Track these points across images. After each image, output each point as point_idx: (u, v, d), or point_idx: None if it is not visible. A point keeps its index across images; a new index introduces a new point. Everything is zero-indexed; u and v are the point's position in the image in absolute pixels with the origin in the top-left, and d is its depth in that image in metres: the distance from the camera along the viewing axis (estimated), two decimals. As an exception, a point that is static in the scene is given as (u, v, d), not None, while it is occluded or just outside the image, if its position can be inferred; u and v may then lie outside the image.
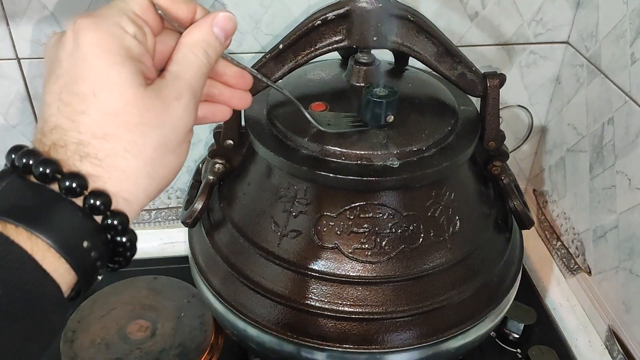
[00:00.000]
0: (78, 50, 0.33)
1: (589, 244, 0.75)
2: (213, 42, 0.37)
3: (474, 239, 0.56)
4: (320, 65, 0.62)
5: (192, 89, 0.36)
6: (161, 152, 0.34)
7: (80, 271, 0.31)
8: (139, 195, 0.34)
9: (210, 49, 0.37)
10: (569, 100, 0.77)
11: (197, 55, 0.36)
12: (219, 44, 0.38)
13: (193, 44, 0.36)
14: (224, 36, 0.38)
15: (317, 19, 0.52)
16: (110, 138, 0.32)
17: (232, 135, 0.58)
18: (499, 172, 0.60)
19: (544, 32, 0.76)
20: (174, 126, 0.34)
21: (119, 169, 0.33)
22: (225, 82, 0.43)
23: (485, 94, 0.57)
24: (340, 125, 0.53)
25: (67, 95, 0.32)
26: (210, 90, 0.42)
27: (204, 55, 0.36)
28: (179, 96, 0.35)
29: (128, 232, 0.34)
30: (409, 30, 0.53)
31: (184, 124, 0.35)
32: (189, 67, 0.36)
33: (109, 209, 0.32)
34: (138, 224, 0.86)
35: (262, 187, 0.56)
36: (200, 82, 0.36)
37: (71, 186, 0.31)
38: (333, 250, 0.52)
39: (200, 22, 0.37)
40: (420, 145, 0.52)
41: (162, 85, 0.35)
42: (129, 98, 0.33)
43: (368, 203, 0.52)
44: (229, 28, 0.39)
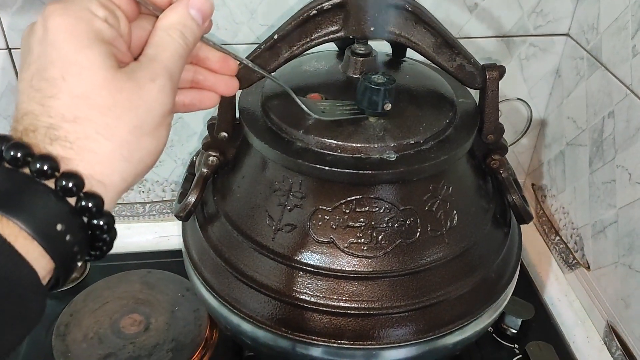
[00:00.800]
0: (47, 36, 0.33)
1: (588, 239, 0.74)
2: (189, 23, 0.37)
3: (472, 233, 0.55)
4: (316, 56, 0.61)
5: (168, 71, 0.35)
6: (136, 134, 0.33)
7: (56, 256, 0.31)
8: (114, 178, 0.33)
9: (187, 31, 0.37)
10: (569, 93, 0.76)
11: (173, 37, 0.36)
12: (196, 26, 0.37)
13: (169, 26, 0.36)
14: (201, 17, 0.38)
15: (313, 9, 0.51)
16: (81, 121, 0.32)
17: (226, 127, 0.57)
18: (498, 165, 0.59)
19: (544, 24, 0.75)
20: (149, 108, 0.34)
21: (92, 151, 0.32)
22: (209, 67, 0.43)
23: (484, 86, 0.55)
24: (335, 113, 0.52)
25: (37, 81, 0.32)
26: (195, 76, 0.42)
27: (181, 37, 0.36)
28: (154, 78, 0.34)
29: (104, 214, 0.33)
30: (406, 21, 0.52)
31: (160, 106, 0.34)
32: (164, 49, 0.36)
33: (82, 190, 0.32)
34: (132, 216, 0.86)
35: (257, 180, 0.55)
36: (177, 64, 0.36)
37: (42, 168, 0.31)
38: (328, 244, 0.52)
39: (175, 5, 0.37)
40: (417, 138, 0.51)
41: (136, 67, 0.34)
42: (99, 80, 0.32)
43: (364, 197, 0.51)
44: (206, 9, 0.38)
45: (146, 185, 0.83)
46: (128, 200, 0.84)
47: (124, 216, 0.85)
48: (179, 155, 0.80)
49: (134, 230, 0.85)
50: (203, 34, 0.40)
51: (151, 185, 0.83)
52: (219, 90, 0.43)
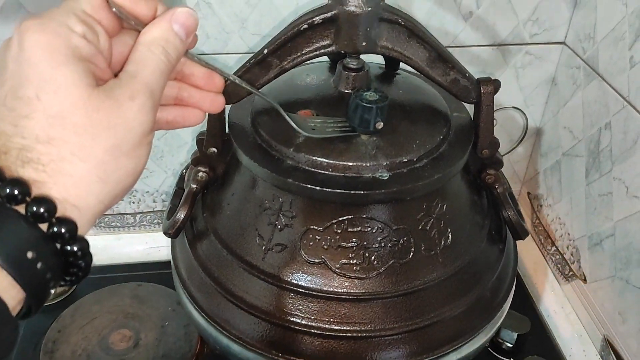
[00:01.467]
0: (22, 52, 0.31)
1: (584, 251, 0.73)
2: (172, 39, 0.36)
3: (467, 251, 0.54)
4: (308, 68, 0.59)
5: (148, 89, 0.34)
6: (114, 154, 0.32)
7: (26, 285, 0.30)
8: (89, 200, 0.32)
9: (169, 47, 0.35)
10: (565, 102, 0.75)
11: (155, 53, 0.35)
12: (179, 42, 0.36)
13: (150, 41, 0.35)
14: (185, 33, 0.37)
15: (304, 23, 0.49)
16: (55, 142, 0.31)
17: (215, 142, 0.56)
18: (493, 180, 0.58)
19: (540, 32, 0.74)
20: (127, 127, 0.33)
21: (66, 174, 0.31)
22: (194, 84, 0.42)
23: (479, 100, 0.54)
24: (326, 131, 0.50)
25: (11, 100, 0.31)
26: (179, 93, 0.41)
27: (163, 53, 0.35)
28: (133, 96, 0.33)
29: (78, 240, 0.32)
30: (399, 35, 0.51)
31: (139, 125, 0.33)
32: (145, 65, 0.34)
33: (54, 215, 0.30)
34: (122, 227, 0.84)
35: (246, 198, 0.54)
36: (159, 81, 0.35)
37: (12, 193, 0.29)
38: (320, 265, 0.50)
39: (158, 19, 0.36)
40: (410, 156, 0.50)
41: (115, 85, 0.33)
42: (75, 99, 0.31)
43: (356, 216, 0.50)
44: (190, 24, 0.37)
45: (136, 196, 0.81)
46: (118, 211, 0.82)
47: (113, 227, 0.84)
48: (169, 165, 0.79)
49: (124, 241, 0.84)
50: (188, 49, 0.39)
51: (141, 195, 0.81)
52: (203, 108, 0.42)
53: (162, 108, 0.41)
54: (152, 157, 0.78)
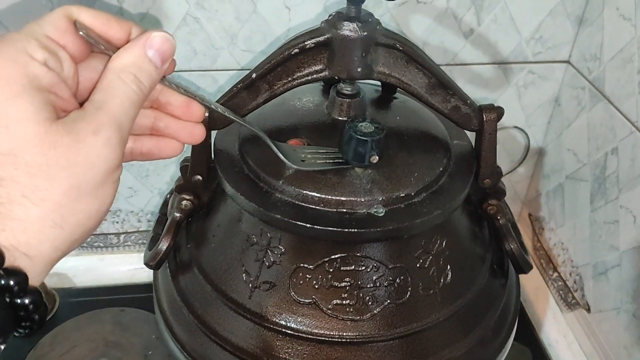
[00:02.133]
0: None
1: (588, 280, 0.70)
2: (146, 66, 0.32)
3: (468, 289, 0.51)
4: (300, 91, 0.55)
5: (116, 121, 0.31)
6: (73, 196, 0.29)
7: None
8: (43, 248, 0.29)
9: (142, 74, 0.32)
10: (569, 124, 0.72)
11: (125, 82, 0.32)
12: (154, 69, 0.33)
13: (121, 68, 0.32)
14: (160, 59, 0.33)
15: (295, 47, 0.46)
16: (5, 183, 0.28)
17: (200, 169, 0.52)
18: (495, 211, 0.55)
19: (544, 50, 0.71)
20: (89, 165, 0.30)
21: (16, 219, 0.28)
22: (171, 113, 0.38)
23: (481, 128, 0.51)
24: (316, 163, 0.47)
25: None
26: (155, 123, 0.38)
27: (134, 81, 0.32)
28: (97, 130, 0.30)
29: (29, 292, 0.29)
30: (397, 60, 0.47)
31: (103, 162, 0.30)
32: (114, 95, 0.31)
33: (1, 266, 0.28)
34: (106, 247, 0.81)
35: (232, 231, 0.50)
36: (129, 112, 0.32)
37: None
38: (310, 305, 0.47)
39: (131, 44, 0.33)
40: (408, 190, 0.47)
41: (78, 117, 0.30)
42: (29, 135, 0.28)
43: (349, 255, 0.46)
44: (165, 50, 0.34)
45: (120, 216, 0.78)
46: (101, 231, 0.79)
47: (96, 247, 0.80)
48: (155, 185, 0.76)
49: (108, 262, 0.81)
50: (165, 75, 0.36)
51: (126, 215, 0.78)
52: (181, 139, 0.39)
53: (136, 138, 0.38)
54: (137, 176, 0.74)
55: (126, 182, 0.74)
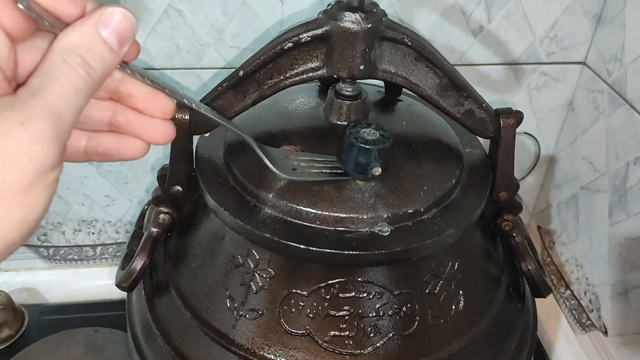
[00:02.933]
0: None
1: (605, 300, 0.64)
2: (98, 47, 0.27)
3: (482, 317, 0.45)
4: (294, 91, 0.50)
5: (52, 112, 0.25)
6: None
7: None
8: None
9: (92, 58, 0.26)
10: (584, 130, 0.67)
11: (70, 65, 0.26)
12: (108, 52, 0.27)
13: (67, 49, 0.26)
14: (117, 41, 0.27)
15: (288, 41, 0.40)
16: None
17: (179, 179, 0.46)
18: (511, 228, 0.49)
19: (558, 50, 0.65)
20: (12, 164, 0.24)
21: None
22: (134, 106, 0.32)
23: (497, 135, 0.45)
24: (310, 172, 0.41)
25: None
26: (115, 118, 0.32)
27: (81, 65, 0.26)
28: (26, 120, 0.24)
29: None
30: (404, 57, 0.41)
31: (31, 161, 0.25)
32: (54, 80, 0.25)
33: None
34: (81, 260, 0.74)
35: (215, 250, 0.44)
36: (72, 103, 0.26)
37: None
38: (304, 337, 0.41)
39: (81, 21, 0.27)
40: (417, 206, 0.41)
41: (5, 105, 0.25)
42: None
43: (349, 279, 0.40)
44: (124, 29, 0.28)
45: (97, 226, 0.71)
46: (75, 242, 0.72)
47: (70, 260, 0.74)
48: (134, 193, 0.69)
49: (82, 276, 0.74)
50: (126, 61, 0.30)
51: (102, 226, 0.71)
52: (145, 137, 0.33)
53: (91, 135, 0.32)
54: (115, 183, 0.68)
55: (103, 189, 0.68)
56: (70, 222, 0.70)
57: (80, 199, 0.68)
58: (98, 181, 0.67)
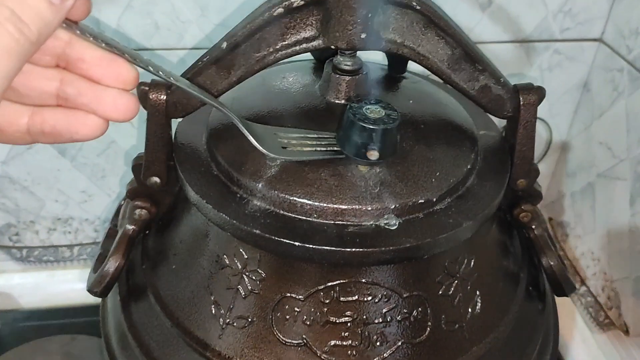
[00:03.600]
0: None
1: (627, 296, 0.59)
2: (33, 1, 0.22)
3: (501, 320, 0.40)
4: (285, 69, 0.45)
5: None
6: None
7: None
8: None
9: (26, 12, 0.22)
10: (601, 113, 0.62)
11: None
12: (46, 6, 0.22)
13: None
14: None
15: (277, 6, 0.35)
16: None
17: (157, 169, 0.41)
18: (529, 219, 0.44)
19: (573, 26, 0.60)
20: None
21: None
22: (85, 74, 0.27)
23: (516, 114, 0.40)
24: (302, 151, 0.36)
25: None
26: (62, 89, 0.27)
27: (11, 20, 0.22)
28: None
29: None
30: (412, 25, 0.36)
31: None
32: None
33: None
34: (57, 262, 0.69)
35: (198, 250, 0.39)
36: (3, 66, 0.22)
37: None
38: (300, 348, 0.36)
39: None
40: (428, 195, 0.35)
41: None
42: None
43: (352, 281, 0.35)
44: None
45: (73, 225, 0.66)
46: (51, 243, 0.67)
47: (45, 261, 0.68)
48: (112, 187, 0.64)
49: (59, 279, 0.69)
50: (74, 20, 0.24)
51: (79, 224, 0.66)
52: (101, 112, 0.27)
53: (34, 111, 0.27)
54: (91, 177, 0.62)
55: (78, 184, 0.63)
56: (44, 220, 0.65)
57: (54, 195, 0.63)
58: (73, 175, 0.62)
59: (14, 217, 0.64)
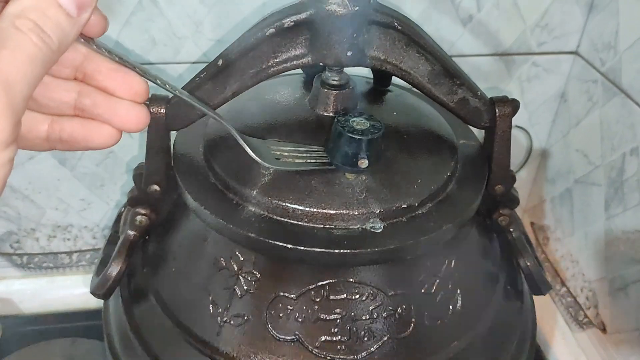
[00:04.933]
0: None
1: (604, 296, 0.62)
2: (52, 13, 0.24)
3: (480, 317, 0.43)
4: (277, 83, 0.47)
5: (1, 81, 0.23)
6: None
7: None
8: None
9: (47, 23, 0.24)
10: (577, 122, 0.65)
11: (20, 30, 0.23)
12: (65, 18, 0.25)
13: (17, 14, 0.24)
14: (76, 6, 0.25)
15: (270, 27, 0.37)
16: None
17: (157, 178, 0.43)
18: (507, 223, 0.47)
19: (550, 40, 0.63)
20: None
21: None
22: (100, 86, 0.29)
23: (492, 125, 0.43)
24: (294, 162, 0.38)
25: None
26: (79, 100, 0.29)
27: (34, 30, 0.24)
28: None
29: None
30: (394, 43, 0.39)
31: None
32: (3, 45, 0.23)
33: None
34: (57, 268, 0.71)
35: (197, 253, 0.41)
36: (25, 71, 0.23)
37: None
38: (293, 344, 0.38)
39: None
40: (411, 200, 0.38)
41: None
42: None
43: (340, 280, 0.38)
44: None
45: (72, 232, 0.68)
46: (50, 249, 0.69)
47: (45, 268, 0.70)
48: (111, 196, 0.66)
49: (58, 284, 0.71)
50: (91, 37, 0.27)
51: (78, 231, 0.68)
52: (115, 123, 0.30)
53: (54, 120, 0.30)
54: (91, 185, 0.65)
55: (78, 193, 0.65)
56: (44, 228, 0.67)
57: (54, 203, 0.65)
58: (73, 184, 0.64)
59: (15, 224, 0.66)
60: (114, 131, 0.30)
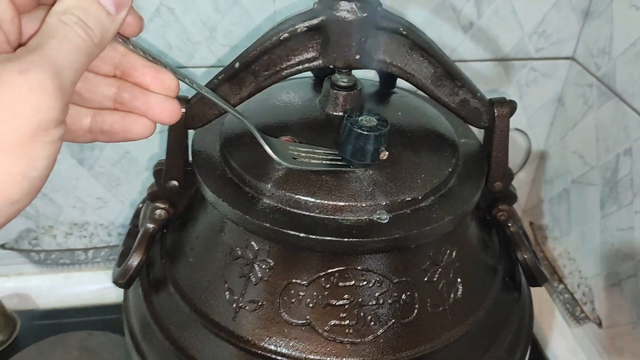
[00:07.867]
0: None
1: (599, 291, 0.65)
2: (94, 9, 0.27)
3: (480, 305, 0.45)
4: (288, 85, 0.50)
5: (52, 64, 0.25)
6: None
7: None
8: None
9: (90, 19, 0.27)
10: (574, 124, 0.67)
11: (67, 24, 0.26)
12: (105, 15, 0.28)
13: (63, 11, 0.27)
14: (114, 5, 0.28)
15: (284, 32, 0.40)
16: None
17: (176, 174, 0.46)
18: (506, 218, 0.50)
19: (547, 46, 0.66)
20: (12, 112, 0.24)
21: None
22: (138, 82, 0.32)
23: (491, 124, 0.46)
24: (310, 162, 0.41)
25: None
26: (119, 94, 0.32)
27: (79, 24, 0.26)
28: (24, 69, 0.24)
29: None
30: (400, 47, 0.42)
31: (32, 112, 0.24)
32: (51, 36, 0.26)
33: None
34: (73, 264, 0.73)
35: (213, 243, 0.44)
36: (73, 58, 0.26)
37: None
38: (304, 327, 0.41)
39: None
40: (415, 194, 0.41)
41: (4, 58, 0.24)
42: None
43: (349, 268, 0.40)
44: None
45: (88, 229, 0.71)
46: (67, 246, 0.72)
47: (62, 264, 0.73)
48: (126, 195, 0.69)
49: (74, 280, 0.73)
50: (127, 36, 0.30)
51: (94, 229, 0.71)
52: (151, 115, 0.33)
53: (96, 113, 0.32)
54: (107, 185, 0.67)
55: (94, 192, 0.68)
56: (62, 225, 0.70)
57: (71, 201, 0.68)
58: (90, 183, 0.67)
59: (34, 222, 0.69)
60: (149, 123, 0.32)
